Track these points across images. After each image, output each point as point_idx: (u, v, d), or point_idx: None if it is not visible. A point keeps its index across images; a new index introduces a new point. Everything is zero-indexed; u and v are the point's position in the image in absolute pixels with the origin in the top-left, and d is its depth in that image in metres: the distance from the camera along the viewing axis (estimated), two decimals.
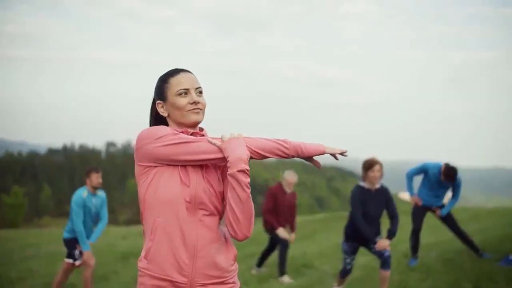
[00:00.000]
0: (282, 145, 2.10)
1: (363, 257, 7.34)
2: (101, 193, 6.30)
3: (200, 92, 2.16)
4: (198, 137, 2.09)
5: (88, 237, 6.13)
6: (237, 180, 1.99)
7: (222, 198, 2.13)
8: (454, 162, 6.75)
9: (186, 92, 2.11)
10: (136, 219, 39.02)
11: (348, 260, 5.55)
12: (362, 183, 5.38)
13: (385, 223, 5.38)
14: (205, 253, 2.05)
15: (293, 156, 2.13)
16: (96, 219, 6.26)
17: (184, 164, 2.05)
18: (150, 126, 2.25)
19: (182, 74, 2.15)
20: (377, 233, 5.35)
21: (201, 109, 2.13)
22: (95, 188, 6.13)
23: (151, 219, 2.07)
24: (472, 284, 5.70)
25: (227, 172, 2.01)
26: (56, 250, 10.94)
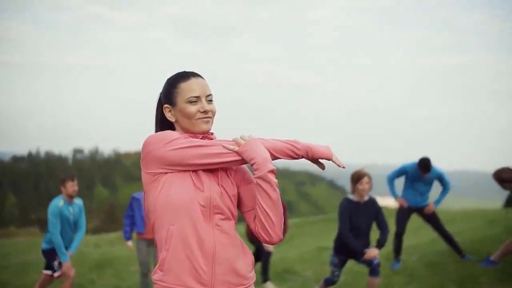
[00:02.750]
0: (294, 146, 2.05)
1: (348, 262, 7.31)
2: (78, 201, 6.11)
3: (211, 100, 2.07)
4: (211, 141, 2.01)
5: (67, 247, 5.93)
6: (269, 181, 1.92)
7: (236, 202, 2.06)
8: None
9: (196, 99, 2.02)
10: (104, 227, 38.37)
11: (336, 273, 5.50)
12: (350, 196, 5.32)
13: (374, 233, 5.34)
14: (224, 259, 1.96)
15: (302, 157, 2.07)
16: (74, 228, 6.07)
17: (198, 169, 1.96)
18: (156, 130, 2.15)
19: (193, 80, 2.06)
20: (366, 245, 5.29)
21: (210, 118, 2.05)
22: (71, 197, 5.93)
23: (165, 228, 1.96)
24: (457, 286, 5.73)
25: (255, 175, 1.93)
26: (26, 260, 10.62)
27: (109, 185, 75.10)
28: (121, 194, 69.40)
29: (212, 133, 2.11)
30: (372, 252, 5.14)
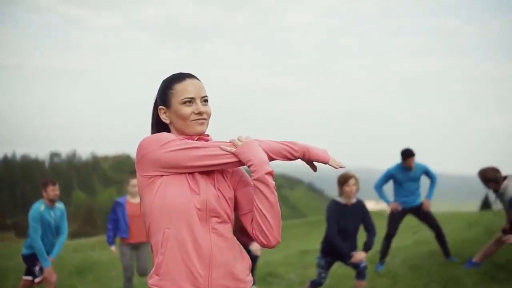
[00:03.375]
0: (291, 147, 2.02)
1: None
2: (60, 205, 6.01)
3: (206, 101, 2.04)
4: (207, 142, 1.98)
5: (48, 252, 5.83)
6: (266, 183, 1.89)
7: (233, 205, 2.03)
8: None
9: (191, 101, 2.00)
10: (83, 231, 37.94)
11: (323, 275, 5.50)
12: (338, 198, 5.32)
13: (361, 236, 5.35)
14: (221, 262, 1.93)
15: (298, 158, 2.05)
16: (56, 232, 5.97)
17: (194, 171, 1.93)
18: (151, 132, 2.12)
19: (188, 81, 2.03)
20: (354, 248, 5.30)
21: (205, 119, 2.02)
22: (52, 201, 5.84)
23: (160, 232, 1.92)
24: (441, 287, 5.76)
25: (253, 177, 1.90)
26: (3, 266, 10.42)
27: (87, 189, 74.32)
28: (100, 198, 68.74)
29: (207, 135, 2.09)
30: (359, 255, 5.15)
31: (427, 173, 6.99)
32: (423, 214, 7.02)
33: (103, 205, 65.18)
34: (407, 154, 6.81)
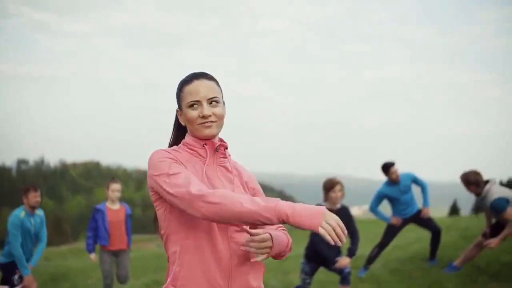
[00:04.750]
0: (259, 213, 1.69)
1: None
2: (40, 212, 5.88)
3: (216, 102, 1.93)
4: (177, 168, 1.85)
5: (28, 260, 5.69)
6: None
7: None
8: (373, 175, 6.94)
9: (197, 103, 1.92)
10: (52, 240, 37.19)
11: (307, 280, 5.51)
12: (323, 203, 5.33)
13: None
14: (240, 272, 1.89)
15: (277, 223, 1.73)
16: (35, 240, 5.84)
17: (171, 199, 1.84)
18: (172, 133, 2.10)
19: (195, 83, 1.94)
20: (338, 253, 5.32)
21: (213, 122, 1.92)
22: (33, 208, 5.70)
23: (178, 243, 1.88)
24: None
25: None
26: None
27: (55, 197, 72.82)
28: (68, 206, 67.50)
29: (221, 140, 2.03)
30: (344, 261, 5.16)
31: (415, 181, 7.05)
32: (422, 221, 7.08)
33: (71, 213, 64.06)
34: (387, 167, 6.88)
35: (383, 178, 7.08)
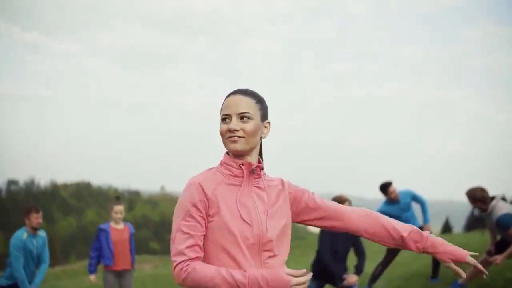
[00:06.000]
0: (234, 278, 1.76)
1: None
2: (42, 233, 5.84)
3: (248, 118, 1.90)
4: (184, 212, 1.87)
5: (30, 281, 5.63)
6: None
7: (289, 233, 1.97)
8: (362, 194, 6.97)
9: (228, 117, 1.91)
10: None
11: None
12: None
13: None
14: None
15: None
16: (37, 261, 5.78)
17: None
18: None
19: (231, 97, 1.94)
20: (345, 269, 5.33)
21: (241, 137, 1.89)
22: (35, 229, 5.67)
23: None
24: None
25: None
26: None
27: (46, 218, 71.92)
28: (59, 227, 66.82)
29: (261, 162, 2.01)
30: (352, 278, 5.17)
31: (415, 198, 7.08)
32: None
33: (62, 234, 63.42)
34: (384, 187, 6.92)
35: (373, 196, 7.10)
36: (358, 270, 5.27)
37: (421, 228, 7.05)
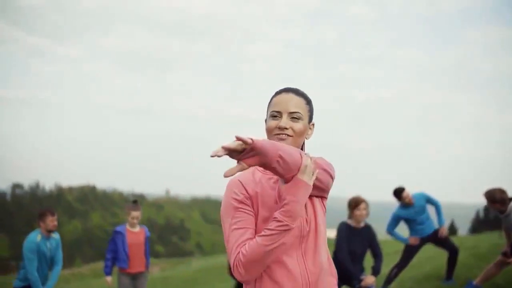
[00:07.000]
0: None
1: None
2: (56, 236, 5.83)
3: (298, 118, 1.91)
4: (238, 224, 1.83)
5: (43, 284, 5.63)
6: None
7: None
8: (365, 196, 6.94)
9: (277, 114, 1.91)
10: None
11: None
12: (348, 221, 5.37)
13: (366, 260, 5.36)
14: None
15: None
16: (50, 263, 5.78)
17: None
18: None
19: (282, 95, 1.95)
20: (362, 270, 5.32)
21: (289, 135, 1.89)
22: (50, 232, 5.67)
23: None
24: None
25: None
26: None
27: None
28: (64, 230, 66.96)
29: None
30: (370, 279, 5.15)
31: (429, 200, 7.07)
32: (440, 240, 7.08)
33: (68, 237, 63.55)
34: (398, 192, 6.92)
35: (377, 199, 7.11)
36: (375, 271, 5.26)
37: (437, 231, 7.03)
